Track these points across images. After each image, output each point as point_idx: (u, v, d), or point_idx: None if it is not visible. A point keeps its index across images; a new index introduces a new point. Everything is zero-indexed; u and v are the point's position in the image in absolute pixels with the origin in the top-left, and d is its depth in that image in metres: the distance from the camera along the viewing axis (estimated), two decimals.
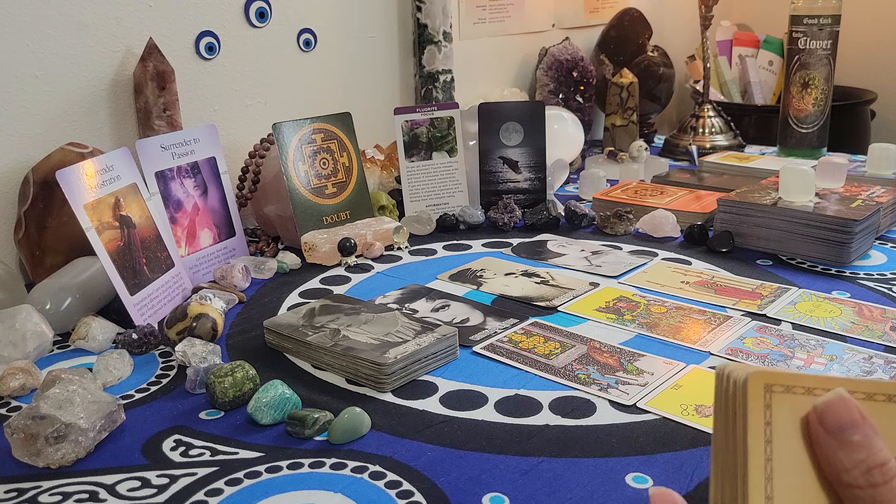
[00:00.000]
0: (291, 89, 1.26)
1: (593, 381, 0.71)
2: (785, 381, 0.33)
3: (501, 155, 1.22)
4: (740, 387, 0.33)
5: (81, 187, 0.82)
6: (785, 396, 0.33)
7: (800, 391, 0.33)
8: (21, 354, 0.76)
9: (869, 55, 2.01)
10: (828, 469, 0.31)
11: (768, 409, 0.32)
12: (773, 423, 0.32)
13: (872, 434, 0.31)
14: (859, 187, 1.11)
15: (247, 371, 0.69)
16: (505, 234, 1.15)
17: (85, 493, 0.57)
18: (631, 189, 1.25)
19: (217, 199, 1.03)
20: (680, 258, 1.03)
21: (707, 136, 1.58)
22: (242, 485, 0.57)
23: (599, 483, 0.57)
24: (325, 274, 1.00)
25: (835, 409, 0.31)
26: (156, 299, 0.88)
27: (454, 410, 0.67)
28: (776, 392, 0.32)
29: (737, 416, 0.33)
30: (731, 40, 1.99)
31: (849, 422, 0.31)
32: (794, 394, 0.33)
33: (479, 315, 0.86)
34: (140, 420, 0.67)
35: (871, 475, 0.30)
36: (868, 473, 0.30)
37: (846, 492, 0.31)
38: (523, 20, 1.63)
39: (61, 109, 1.00)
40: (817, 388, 0.33)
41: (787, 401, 0.32)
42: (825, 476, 0.32)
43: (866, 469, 0.31)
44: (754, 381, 0.32)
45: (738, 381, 0.33)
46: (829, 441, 0.31)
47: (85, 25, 1.00)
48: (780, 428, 0.32)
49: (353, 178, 1.12)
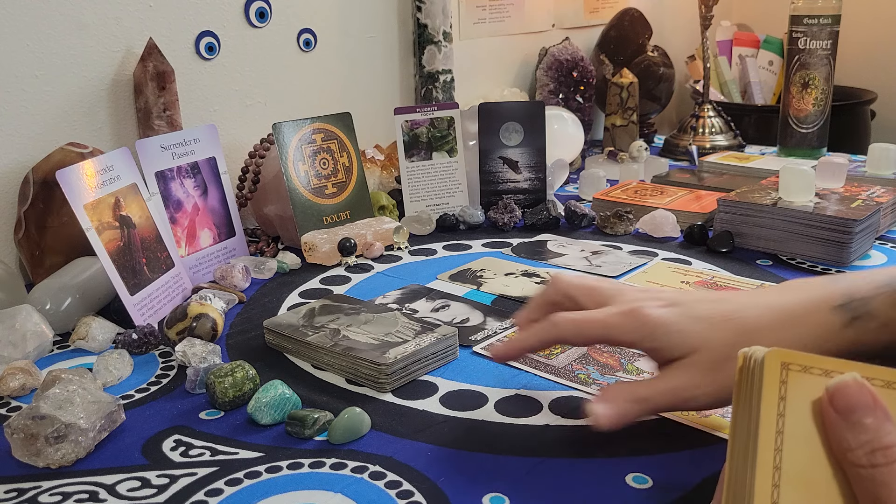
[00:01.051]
0: (291, 89, 1.26)
1: (593, 381, 0.71)
2: (803, 361, 0.34)
3: (501, 155, 1.23)
4: (759, 363, 0.34)
5: (81, 187, 0.82)
6: (802, 375, 0.34)
7: (817, 372, 0.34)
8: (21, 354, 0.76)
9: (869, 55, 2.01)
10: (835, 447, 0.33)
11: (784, 385, 0.33)
12: (787, 399, 0.33)
13: (883, 418, 0.32)
14: (859, 187, 1.11)
15: (247, 371, 0.69)
16: (505, 234, 1.15)
17: (85, 493, 0.57)
18: (631, 189, 1.25)
19: (217, 199, 1.03)
20: (680, 258, 1.03)
21: (707, 136, 1.58)
22: (242, 485, 0.57)
23: (599, 483, 0.57)
24: (325, 274, 1.00)
25: (846, 391, 0.32)
26: (156, 299, 0.88)
27: (454, 410, 0.67)
28: (793, 370, 0.34)
29: (753, 391, 0.34)
30: (731, 40, 2.00)
31: (859, 404, 0.32)
32: (812, 374, 0.34)
33: (479, 315, 0.86)
34: (140, 420, 0.67)
35: (874, 456, 0.32)
36: (871, 454, 0.32)
37: (850, 470, 0.32)
38: (523, 20, 1.63)
39: (61, 109, 1.00)
40: (835, 370, 0.33)
41: (803, 380, 0.33)
42: (833, 453, 0.33)
43: (871, 450, 0.32)
44: (772, 358, 0.34)
45: (758, 359, 0.34)
46: (838, 421, 0.32)
47: (85, 25, 1.00)
48: (793, 404, 0.33)
49: (353, 178, 1.12)
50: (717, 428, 0.63)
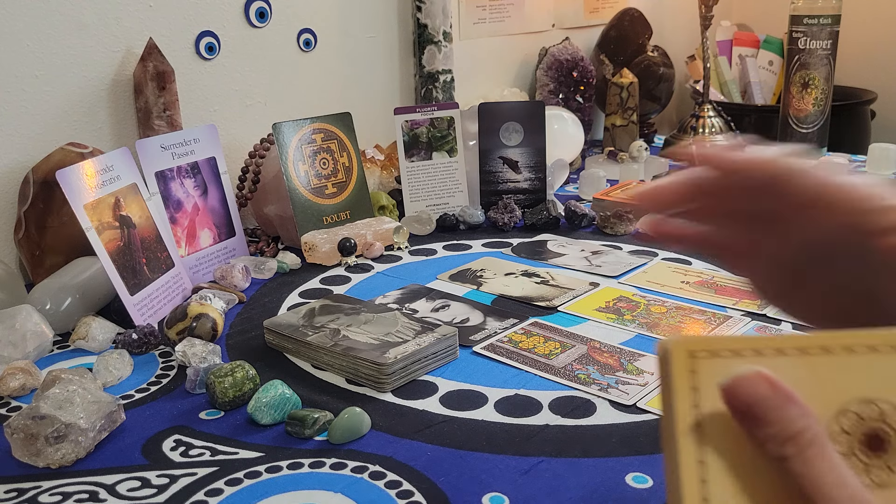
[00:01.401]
0: (291, 89, 1.26)
1: (593, 381, 0.71)
2: (709, 345, 0.32)
3: (501, 155, 1.22)
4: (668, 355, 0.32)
5: (81, 187, 0.82)
6: (711, 361, 0.32)
7: (726, 354, 0.32)
8: (21, 354, 0.76)
9: (869, 55, 2.01)
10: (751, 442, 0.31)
11: (693, 374, 0.31)
12: (699, 389, 0.31)
13: (785, 404, 0.30)
14: None
15: (247, 371, 0.69)
16: (505, 234, 1.15)
17: (85, 493, 0.57)
18: (631, 189, 1.25)
19: (217, 199, 1.03)
20: (680, 258, 1.03)
21: (707, 136, 1.58)
22: (242, 485, 0.57)
23: (599, 483, 0.57)
24: (325, 274, 1.00)
25: (739, 389, 0.30)
26: (156, 299, 0.88)
27: (454, 410, 0.67)
28: (700, 357, 0.32)
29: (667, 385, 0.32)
30: (731, 40, 1.99)
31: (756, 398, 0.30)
32: (722, 357, 0.32)
33: (479, 315, 0.86)
34: (140, 420, 0.67)
35: (784, 448, 0.30)
36: (782, 446, 0.30)
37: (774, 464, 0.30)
38: (523, 20, 1.63)
39: (61, 109, 1.00)
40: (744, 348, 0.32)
41: (713, 365, 0.32)
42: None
43: (780, 442, 0.30)
44: (677, 349, 0.32)
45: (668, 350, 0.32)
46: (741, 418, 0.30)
47: (85, 25, 1.00)
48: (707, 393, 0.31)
49: (353, 178, 1.12)
50: None
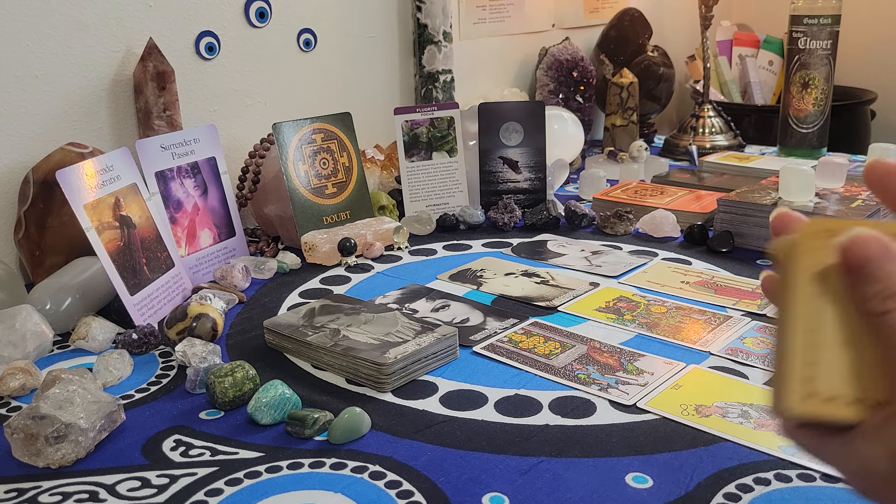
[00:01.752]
0: (291, 89, 1.26)
1: (593, 381, 0.71)
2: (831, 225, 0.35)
3: (501, 155, 1.22)
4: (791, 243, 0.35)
5: (81, 187, 0.82)
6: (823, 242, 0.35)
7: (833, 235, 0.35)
8: (21, 354, 0.76)
9: (869, 55, 2.01)
10: (855, 302, 0.34)
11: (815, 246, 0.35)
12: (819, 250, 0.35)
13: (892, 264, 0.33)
14: (859, 187, 1.11)
15: (247, 371, 0.69)
16: (505, 234, 1.15)
17: (85, 493, 0.57)
18: (631, 189, 1.25)
19: (217, 199, 1.03)
20: (680, 258, 1.03)
21: (707, 136, 1.58)
22: (242, 485, 0.57)
23: (599, 483, 0.57)
24: (325, 274, 1.00)
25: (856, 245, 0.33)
26: (156, 299, 0.88)
27: (454, 410, 0.67)
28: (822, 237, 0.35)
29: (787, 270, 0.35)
30: (731, 40, 1.99)
31: (870, 255, 0.33)
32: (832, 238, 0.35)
33: (479, 315, 0.86)
34: (140, 420, 0.67)
35: (888, 301, 0.32)
36: (886, 300, 0.32)
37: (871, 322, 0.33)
38: (523, 20, 1.63)
39: (61, 109, 1.00)
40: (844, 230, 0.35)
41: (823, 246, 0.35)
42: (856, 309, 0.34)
43: (886, 296, 0.33)
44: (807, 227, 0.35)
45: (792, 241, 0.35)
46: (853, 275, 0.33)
47: (85, 25, 1.00)
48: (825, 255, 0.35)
49: (353, 178, 1.12)
50: (718, 428, 0.63)
